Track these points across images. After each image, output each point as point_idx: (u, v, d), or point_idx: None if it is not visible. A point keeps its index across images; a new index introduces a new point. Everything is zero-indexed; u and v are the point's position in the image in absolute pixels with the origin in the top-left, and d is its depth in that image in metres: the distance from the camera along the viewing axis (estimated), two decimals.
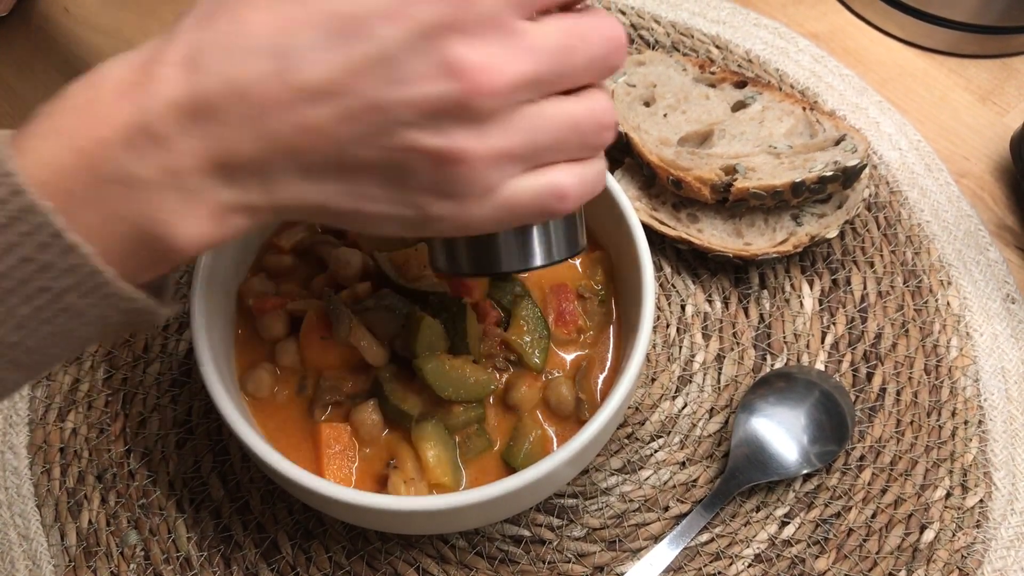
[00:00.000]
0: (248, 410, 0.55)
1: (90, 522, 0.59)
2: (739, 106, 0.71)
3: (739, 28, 0.81)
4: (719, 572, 0.58)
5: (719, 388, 0.64)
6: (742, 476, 0.59)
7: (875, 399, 0.64)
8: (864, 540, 0.59)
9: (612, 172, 0.68)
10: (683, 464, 0.61)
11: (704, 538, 0.59)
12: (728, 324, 0.66)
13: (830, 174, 0.64)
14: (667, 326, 0.66)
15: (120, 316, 0.37)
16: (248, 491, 0.60)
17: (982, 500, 0.60)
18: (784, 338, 0.66)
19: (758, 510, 0.60)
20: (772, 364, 0.65)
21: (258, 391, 0.55)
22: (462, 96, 0.34)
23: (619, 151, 0.73)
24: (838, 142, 0.67)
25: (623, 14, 0.81)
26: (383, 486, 0.52)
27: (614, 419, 0.51)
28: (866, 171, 0.68)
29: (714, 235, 0.67)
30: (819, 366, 0.65)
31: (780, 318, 0.67)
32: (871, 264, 0.69)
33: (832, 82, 0.78)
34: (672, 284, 0.68)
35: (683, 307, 0.67)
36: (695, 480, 0.61)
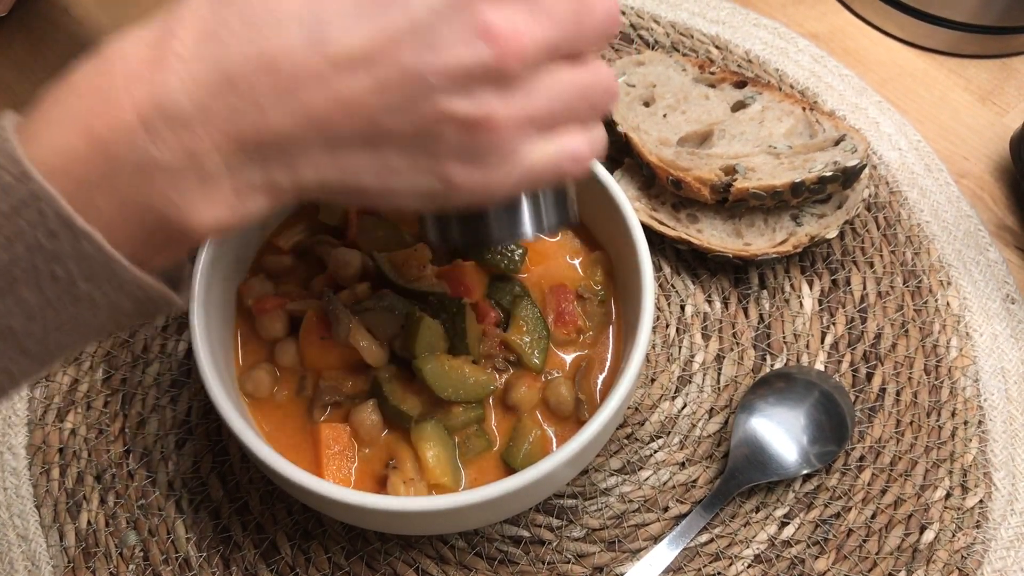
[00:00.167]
0: (247, 410, 0.55)
1: (89, 523, 0.59)
2: (739, 106, 0.71)
3: (739, 28, 0.81)
4: (719, 573, 0.58)
5: (719, 388, 0.64)
6: (742, 476, 0.59)
7: (875, 399, 0.64)
8: (864, 540, 0.59)
9: (612, 172, 0.68)
10: (683, 464, 0.61)
11: (704, 539, 0.59)
12: (728, 324, 0.66)
13: (830, 174, 0.64)
14: (667, 326, 0.66)
15: (133, 305, 0.36)
16: (247, 492, 0.60)
17: (982, 500, 0.60)
18: (784, 338, 0.66)
19: (758, 510, 0.60)
20: (772, 364, 0.65)
21: (257, 391, 0.55)
22: (494, 60, 0.34)
23: (619, 151, 0.73)
24: (838, 142, 0.67)
25: (623, 14, 0.81)
26: (382, 487, 0.52)
27: (613, 419, 0.51)
28: (866, 171, 0.68)
29: (714, 235, 0.67)
30: (819, 366, 0.65)
31: (780, 318, 0.67)
32: (871, 264, 0.69)
33: (832, 82, 0.78)
34: (672, 284, 0.68)
35: (683, 307, 0.67)
36: (695, 480, 0.61)
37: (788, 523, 0.59)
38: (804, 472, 0.59)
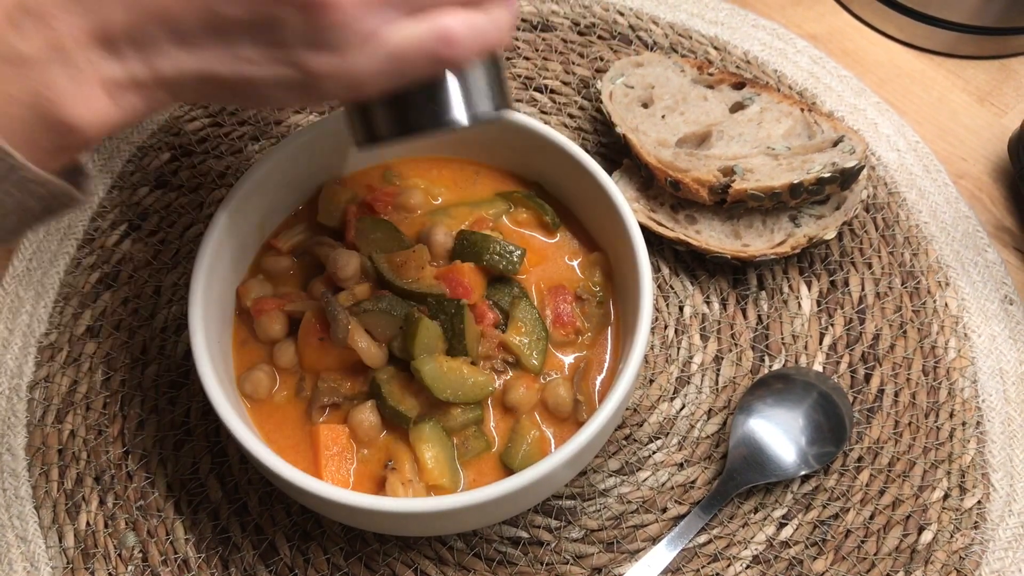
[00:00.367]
0: (246, 412, 0.55)
1: (88, 524, 0.59)
2: (737, 107, 0.71)
3: (737, 29, 0.81)
4: (717, 574, 0.58)
5: (717, 389, 0.64)
6: (740, 477, 0.59)
7: (873, 400, 0.64)
8: (862, 541, 0.59)
9: (610, 173, 0.68)
10: (681, 465, 0.61)
11: (702, 539, 0.59)
12: (726, 325, 0.66)
13: (828, 175, 0.64)
14: (665, 327, 0.66)
15: (38, 203, 0.38)
16: (246, 493, 0.60)
17: (980, 501, 0.60)
18: (782, 339, 0.66)
19: (756, 511, 0.60)
20: (770, 365, 0.65)
21: (256, 393, 0.55)
22: None
23: (617, 152, 0.73)
24: (836, 143, 0.67)
25: (621, 15, 0.81)
26: (381, 488, 0.52)
27: (612, 420, 0.51)
28: (864, 172, 0.68)
29: (712, 236, 0.67)
30: (817, 367, 0.65)
31: (778, 319, 0.67)
32: (869, 265, 0.69)
33: (830, 83, 0.78)
34: (670, 285, 0.68)
35: (681, 308, 0.67)
36: (693, 481, 0.61)
37: (786, 524, 0.60)
38: (802, 473, 0.59)
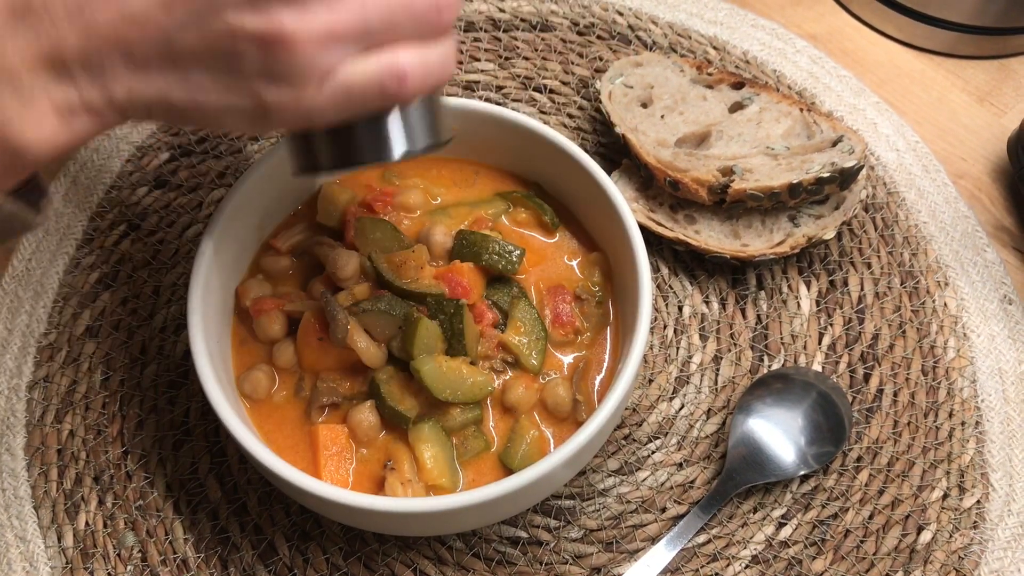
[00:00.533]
0: (245, 412, 0.55)
1: (87, 524, 0.59)
2: (736, 107, 0.71)
3: (737, 29, 0.81)
4: (716, 573, 0.58)
5: (716, 389, 0.64)
6: (739, 477, 0.59)
7: (872, 400, 0.64)
8: (861, 541, 0.59)
9: (609, 173, 0.68)
10: (680, 465, 0.61)
11: (701, 539, 0.59)
12: (725, 325, 0.66)
13: (827, 175, 0.64)
14: (664, 327, 0.66)
15: None
16: (245, 493, 0.60)
17: (979, 501, 0.60)
18: (781, 339, 0.66)
19: (755, 511, 0.60)
20: (769, 365, 0.65)
21: (255, 393, 0.55)
22: None
23: (616, 152, 0.73)
24: (835, 143, 0.67)
25: (620, 15, 0.81)
26: (380, 488, 0.52)
27: (611, 420, 0.51)
28: (863, 172, 0.68)
29: (711, 236, 0.67)
30: (816, 367, 0.65)
31: (777, 319, 0.67)
32: (868, 265, 0.69)
33: (830, 83, 0.78)
34: (669, 285, 0.68)
35: (680, 308, 0.67)
36: (692, 481, 0.61)
37: (786, 524, 0.60)
38: (802, 473, 0.59)
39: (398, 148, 0.43)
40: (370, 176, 0.63)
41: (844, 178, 0.64)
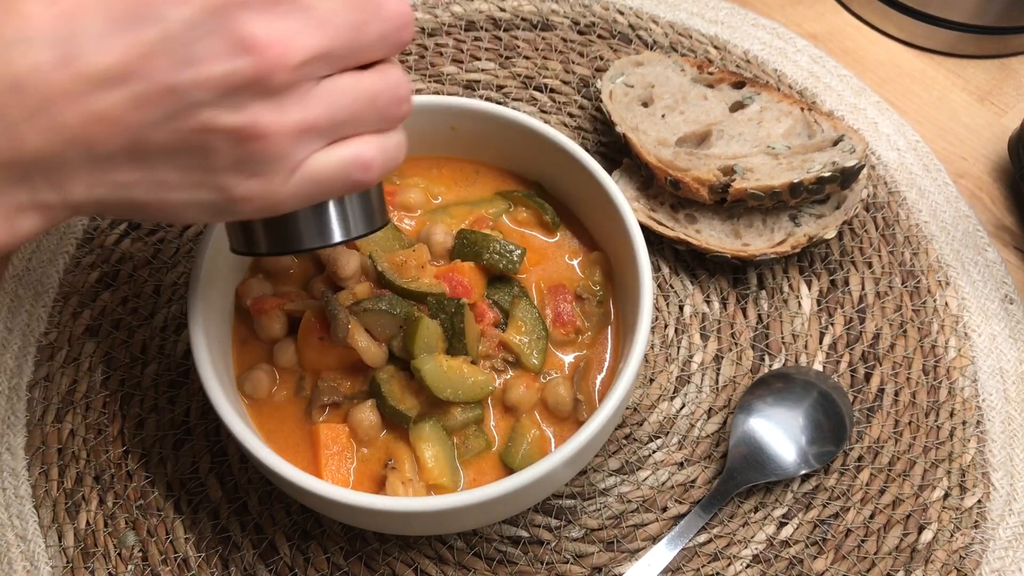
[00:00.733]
0: (246, 411, 0.55)
1: (88, 523, 0.59)
2: (737, 107, 0.71)
3: (737, 28, 0.81)
4: (717, 573, 0.58)
5: (717, 388, 0.64)
6: (740, 477, 0.59)
7: (873, 399, 0.64)
8: (862, 541, 0.59)
9: (610, 173, 0.68)
10: (681, 465, 0.61)
11: (702, 539, 0.59)
12: (726, 325, 0.66)
13: (828, 175, 0.64)
14: (665, 327, 0.66)
15: None
16: (246, 492, 0.60)
17: (980, 501, 0.60)
18: (782, 339, 0.66)
19: (756, 511, 0.60)
20: (770, 365, 0.65)
21: (256, 392, 0.55)
22: (256, 71, 0.34)
23: (617, 151, 0.73)
24: (836, 143, 0.67)
25: (621, 14, 0.81)
26: (381, 487, 0.52)
27: (612, 420, 0.51)
28: (864, 172, 0.68)
29: (712, 236, 0.67)
30: (817, 366, 0.65)
31: (778, 319, 0.67)
32: (869, 265, 0.69)
33: (830, 82, 0.78)
34: (670, 284, 0.68)
35: (681, 308, 0.67)
36: (693, 481, 0.61)
37: (786, 523, 0.60)
38: (803, 472, 0.59)
39: (339, 234, 0.44)
40: None
41: (845, 177, 0.64)
